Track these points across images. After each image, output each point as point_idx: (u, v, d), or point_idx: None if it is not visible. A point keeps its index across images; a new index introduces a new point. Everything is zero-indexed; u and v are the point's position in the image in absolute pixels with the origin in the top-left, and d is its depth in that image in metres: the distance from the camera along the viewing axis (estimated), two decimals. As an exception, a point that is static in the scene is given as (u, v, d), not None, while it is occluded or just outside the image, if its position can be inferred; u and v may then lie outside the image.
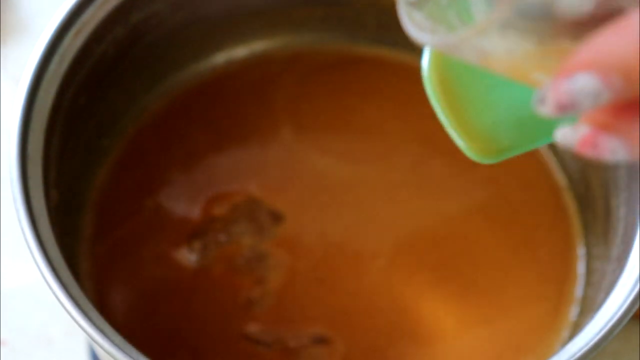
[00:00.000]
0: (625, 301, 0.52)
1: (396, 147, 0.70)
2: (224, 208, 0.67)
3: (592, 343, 0.51)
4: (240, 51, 0.74)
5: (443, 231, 0.67)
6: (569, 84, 0.33)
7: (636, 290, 0.53)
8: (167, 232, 0.66)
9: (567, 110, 0.34)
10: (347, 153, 0.70)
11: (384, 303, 0.64)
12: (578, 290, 0.66)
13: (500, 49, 0.36)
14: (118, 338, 0.51)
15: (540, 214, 0.68)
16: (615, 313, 0.52)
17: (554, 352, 0.62)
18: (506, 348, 0.63)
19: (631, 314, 0.52)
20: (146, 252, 0.66)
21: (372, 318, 0.64)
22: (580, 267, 0.66)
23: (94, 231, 0.66)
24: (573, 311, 0.65)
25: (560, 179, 0.70)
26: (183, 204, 0.67)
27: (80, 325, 0.51)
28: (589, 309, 0.63)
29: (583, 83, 0.33)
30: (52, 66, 0.58)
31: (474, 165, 0.61)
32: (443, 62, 0.62)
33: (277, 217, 0.67)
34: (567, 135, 0.36)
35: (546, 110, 0.35)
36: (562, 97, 0.34)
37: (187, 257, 0.65)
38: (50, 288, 0.52)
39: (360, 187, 0.69)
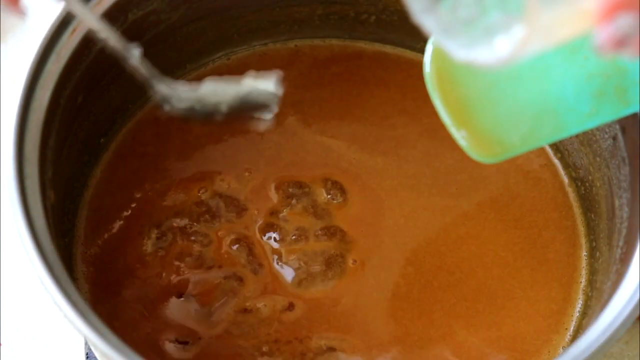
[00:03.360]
0: (628, 304, 0.52)
1: (405, 140, 0.70)
2: (221, 208, 0.67)
3: (595, 346, 0.50)
4: (239, 49, 0.73)
5: (461, 231, 0.67)
6: (614, 26, 0.41)
7: (639, 292, 0.52)
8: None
9: (623, 44, 0.41)
10: (358, 140, 0.70)
11: (400, 308, 0.64)
12: (582, 291, 0.65)
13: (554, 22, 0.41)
14: (114, 339, 0.51)
15: (548, 212, 0.68)
16: (619, 315, 0.52)
17: (558, 355, 0.62)
18: (512, 351, 0.63)
19: (635, 317, 0.52)
20: (142, 252, 0.65)
21: (386, 324, 0.63)
22: (585, 268, 0.66)
23: (90, 232, 0.66)
24: (577, 312, 0.64)
25: (565, 178, 0.69)
26: (180, 204, 0.67)
27: (76, 326, 0.51)
28: (592, 310, 0.62)
29: (624, 21, 0.40)
30: (49, 65, 0.58)
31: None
32: (444, 61, 0.62)
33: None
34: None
35: (606, 50, 0.41)
36: (615, 36, 0.41)
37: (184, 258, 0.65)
38: (47, 289, 0.51)
39: (374, 176, 0.68)
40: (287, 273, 0.64)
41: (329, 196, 0.67)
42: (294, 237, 0.65)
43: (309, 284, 0.64)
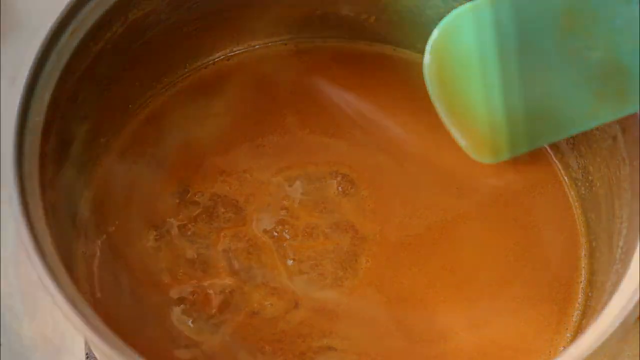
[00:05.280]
0: (628, 303, 0.52)
1: (405, 139, 0.70)
2: (224, 208, 0.67)
3: (595, 346, 0.51)
4: (239, 49, 0.74)
5: (463, 230, 0.67)
6: None
7: (639, 292, 0.52)
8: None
9: None
10: (358, 140, 0.70)
11: (402, 309, 0.64)
12: (582, 291, 0.65)
13: None
14: (115, 339, 0.51)
15: (548, 212, 0.68)
16: (619, 315, 0.52)
17: (558, 354, 0.62)
18: (513, 351, 0.63)
19: (634, 317, 0.52)
20: (141, 253, 0.65)
21: (387, 325, 0.63)
22: (585, 268, 0.66)
23: (90, 232, 0.66)
24: (577, 312, 0.64)
25: (565, 178, 0.69)
26: (181, 205, 0.67)
27: (76, 326, 0.51)
28: (592, 310, 0.62)
29: None
30: (49, 65, 0.58)
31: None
32: (444, 61, 0.62)
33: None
34: None
35: None
36: None
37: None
38: (47, 289, 0.51)
39: (375, 174, 0.68)
40: (296, 272, 0.64)
41: (340, 188, 0.67)
42: (304, 234, 0.65)
43: (318, 283, 0.64)
